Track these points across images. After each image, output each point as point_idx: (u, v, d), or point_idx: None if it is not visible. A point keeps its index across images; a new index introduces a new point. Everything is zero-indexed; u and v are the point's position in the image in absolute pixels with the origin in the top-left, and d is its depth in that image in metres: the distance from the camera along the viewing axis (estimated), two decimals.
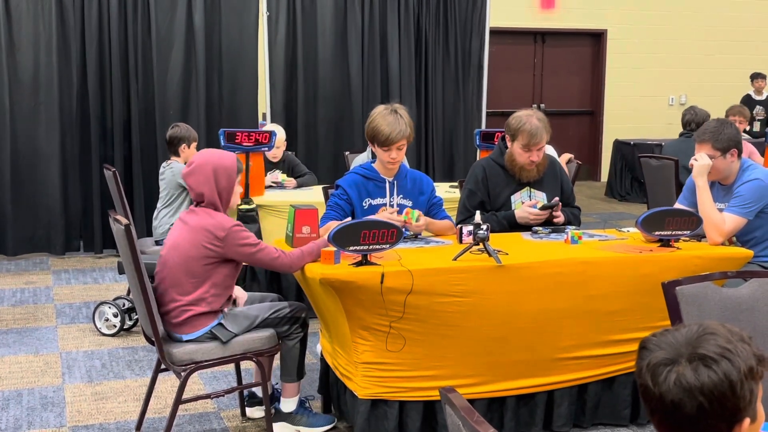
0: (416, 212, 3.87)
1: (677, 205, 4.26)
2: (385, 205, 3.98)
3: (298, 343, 3.71)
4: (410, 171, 4.16)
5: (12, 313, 5.75)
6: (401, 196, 4.04)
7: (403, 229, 3.55)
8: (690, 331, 1.52)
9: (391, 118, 3.88)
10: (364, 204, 3.98)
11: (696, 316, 2.51)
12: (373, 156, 4.10)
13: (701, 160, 4.09)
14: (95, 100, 7.49)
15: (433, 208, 4.09)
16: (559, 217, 4.17)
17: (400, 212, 3.92)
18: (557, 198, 4.20)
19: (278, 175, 6.10)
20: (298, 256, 3.54)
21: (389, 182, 4.02)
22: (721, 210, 4.09)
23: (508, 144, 4.18)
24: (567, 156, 6.19)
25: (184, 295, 3.46)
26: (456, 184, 5.99)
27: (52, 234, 7.45)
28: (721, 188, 4.23)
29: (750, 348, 1.50)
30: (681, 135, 7.03)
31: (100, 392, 4.35)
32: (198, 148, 6.14)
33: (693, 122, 6.84)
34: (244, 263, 3.58)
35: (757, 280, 2.63)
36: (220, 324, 3.53)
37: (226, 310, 3.60)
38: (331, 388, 3.90)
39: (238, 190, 3.64)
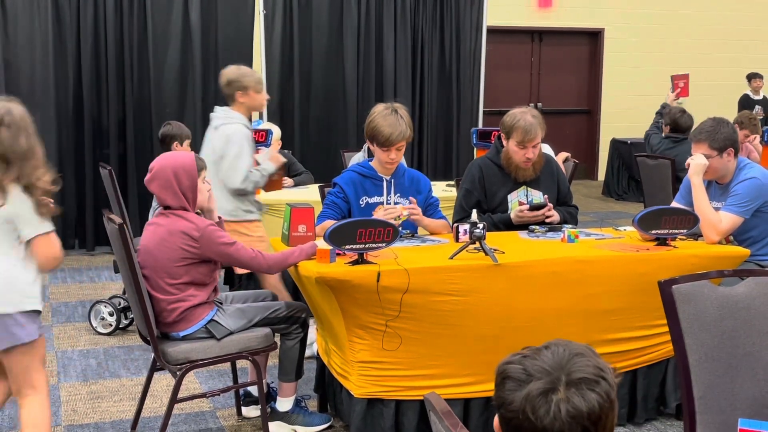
0: (406, 211, 3.87)
1: (674, 204, 4.26)
2: (382, 203, 3.97)
3: (297, 344, 3.71)
4: (408, 170, 4.16)
5: None
6: (398, 194, 4.03)
7: (399, 228, 3.54)
8: (556, 354, 1.47)
9: (391, 119, 3.86)
10: (360, 202, 3.97)
11: (692, 314, 2.50)
12: (370, 154, 4.09)
13: (697, 160, 4.09)
14: (91, 99, 7.49)
15: (429, 208, 4.09)
16: (552, 216, 4.17)
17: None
18: (546, 196, 4.20)
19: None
20: (277, 259, 3.53)
21: (386, 180, 4.02)
22: (717, 209, 4.09)
23: (504, 142, 4.18)
24: (564, 155, 6.18)
25: (167, 296, 3.46)
26: (453, 183, 5.99)
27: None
28: (718, 187, 4.23)
29: (602, 359, 1.48)
30: (666, 137, 6.90)
31: (96, 391, 4.34)
32: (193, 146, 6.13)
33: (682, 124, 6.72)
34: (222, 262, 3.56)
35: (753, 278, 2.63)
36: (214, 320, 3.52)
37: (224, 306, 3.59)
38: (327, 387, 3.89)
39: (205, 188, 3.62)
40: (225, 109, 4.66)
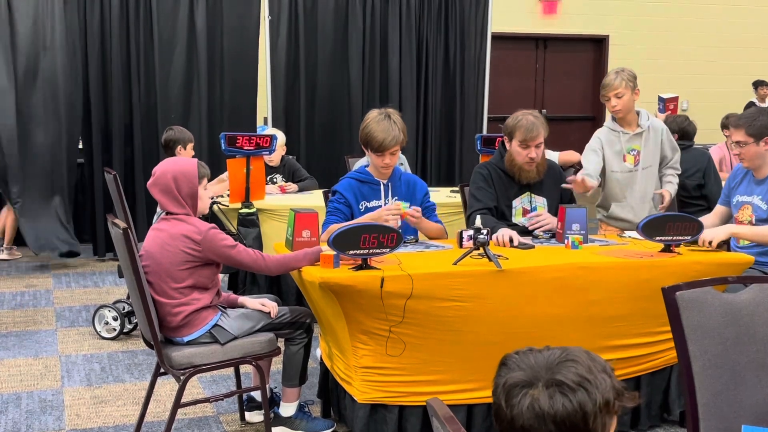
0: (405, 204, 3.90)
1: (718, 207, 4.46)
2: (381, 207, 3.99)
3: (302, 349, 3.71)
4: (404, 174, 4.19)
5: (12, 316, 5.75)
6: (396, 198, 4.06)
7: (403, 234, 3.55)
8: (552, 354, 1.48)
9: (385, 124, 3.89)
10: (360, 207, 4.00)
11: (696, 321, 2.50)
12: None
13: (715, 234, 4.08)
14: (97, 103, 7.50)
15: (425, 212, 4.12)
16: (546, 222, 4.14)
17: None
18: (545, 208, 4.19)
19: (276, 185, 6.10)
20: (278, 261, 3.54)
21: (384, 184, 4.05)
22: (749, 203, 4.15)
23: (507, 145, 4.19)
24: (575, 155, 6.19)
25: (171, 300, 3.46)
26: (457, 189, 5.98)
27: (52, 237, 7.43)
28: (753, 180, 4.27)
29: (610, 381, 1.46)
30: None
31: (99, 396, 4.34)
32: (197, 151, 6.15)
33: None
34: (224, 264, 3.56)
35: (757, 285, 2.62)
36: (219, 325, 3.52)
37: (228, 311, 3.60)
38: (331, 392, 3.89)
39: (206, 194, 3.63)
40: None
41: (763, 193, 4.21)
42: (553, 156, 5.82)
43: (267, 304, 3.68)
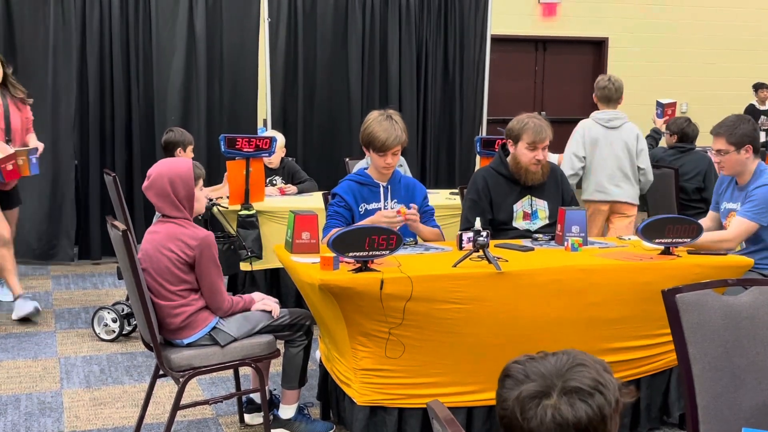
0: (403, 208, 3.91)
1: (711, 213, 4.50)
2: (380, 209, 3.99)
3: (301, 351, 3.71)
4: (404, 177, 4.21)
5: (11, 317, 5.74)
6: (395, 200, 4.07)
7: (402, 236, 3.55)
8: (559, 361, 1.47)
9: (386, 124, 3.90)
10: (360, 209, 4.01)
11: (696, 323, 2.50)
12: None
13: None
14: (95, 105, 7.49)
15: (423, 216, 4.12)
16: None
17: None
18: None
19: (276, 187, 6.10)
20: (231, 308, 3.58)
21: (383, 187, 4.06)
22: (734, 210, 4.16)
23: (511, 148, 4.20)
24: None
25: (169, 302, 3.46)
26: (456, 191, 5.98)
27: (52, 239, 7.43)
28: (736, 188, 4.28)
29: (613, 378, 1.47)
30: (672, 147, 6.79)
31: (99, 398, 4.34)
32: (196, 153, 6.14)
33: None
34: (199, 279, 3.49)
35: (757, 288, 2.62)
36: (218, 327, 3.52)
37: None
38: (330, 394, 3.89)
39: (202, 195, 3.62)
40: None
41: (742, 199, 4.21)
42: (553, 159, 5.83)
43: (268, 303, 3.68)
